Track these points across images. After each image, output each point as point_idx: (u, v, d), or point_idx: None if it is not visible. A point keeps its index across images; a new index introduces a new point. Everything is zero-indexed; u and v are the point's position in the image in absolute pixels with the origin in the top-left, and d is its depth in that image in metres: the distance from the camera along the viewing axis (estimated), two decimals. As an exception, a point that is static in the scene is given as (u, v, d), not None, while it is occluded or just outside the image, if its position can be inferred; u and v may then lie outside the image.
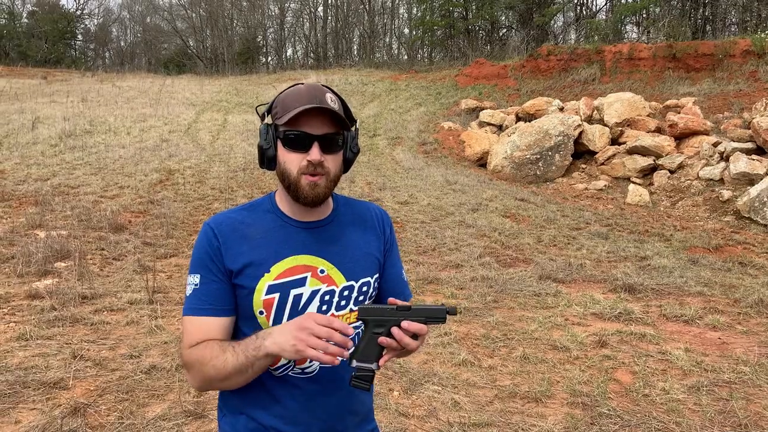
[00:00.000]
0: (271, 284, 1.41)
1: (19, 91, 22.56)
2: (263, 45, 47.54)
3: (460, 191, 11.95)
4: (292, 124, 1.39)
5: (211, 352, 1.34)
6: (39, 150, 13.35)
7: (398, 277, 1.63)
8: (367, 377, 1.31)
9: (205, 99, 22.88)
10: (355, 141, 1.51)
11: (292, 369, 1.44)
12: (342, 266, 1.48)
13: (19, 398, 3.61)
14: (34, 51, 42.13)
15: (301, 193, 1.41)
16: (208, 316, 1.40)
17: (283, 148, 1.41)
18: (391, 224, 1.65)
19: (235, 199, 10.24)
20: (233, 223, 1.45)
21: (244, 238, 1.43)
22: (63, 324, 4.91)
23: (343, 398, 1.48)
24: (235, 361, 1.32)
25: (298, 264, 1.44)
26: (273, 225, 1.47)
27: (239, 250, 1.42)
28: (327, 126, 1.40)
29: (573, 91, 19.21)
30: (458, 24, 33.01)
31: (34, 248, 6.73)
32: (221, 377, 1.34)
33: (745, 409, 3.75)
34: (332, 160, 1.42)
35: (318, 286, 1.44)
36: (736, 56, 17.68)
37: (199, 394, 3.78)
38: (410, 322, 1.29)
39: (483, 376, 4.24)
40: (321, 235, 1.49)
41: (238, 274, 1.41)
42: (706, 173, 11.71)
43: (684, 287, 6.57)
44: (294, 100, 1.39)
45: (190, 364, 1.38)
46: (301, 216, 1.48)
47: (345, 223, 1.54)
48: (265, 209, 1.50)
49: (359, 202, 1.65)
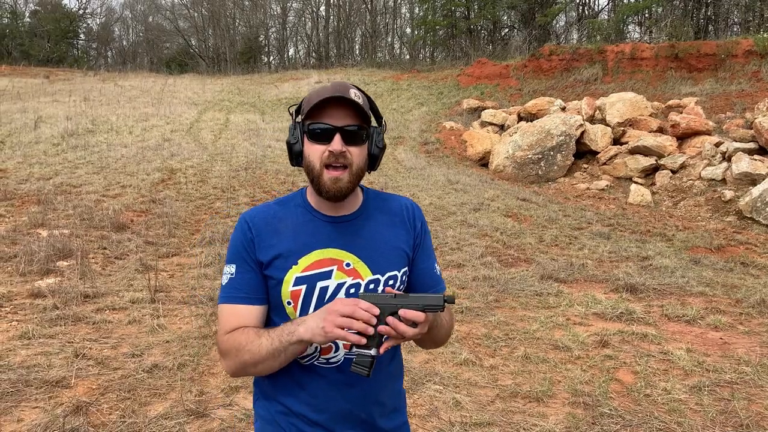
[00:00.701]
0: (299, 276, 1.46)
1: (22, 91, 22.61)
2: (265, 44, 47.58)
3: (461, 191, 11.95)
4: (316, 117, 1.43)
5: (247, 337, 1.41)
6: (41, 149, 13.37)
7: (430, 272, 1.63)
8: (365, 363, 1.33)
9: (207, 98, 22.91)
10: (381, 137, 1.53)
11: (318, 359, 1.49)
12: (368, 260, 1.50)
13: (22, 397, 3.62)
14: (36, 50, 42.20)
15: (323, 187, 1.45)
16: (243, 304, 1.47)
17: (308, 141, 1.46)
18: (423, 218, 1.66)
19: (237, 198, 10.25)
20: (266, 217, 1.52)
21: (275, 231, 1.50)
22: (65, 323, 4.92)
23: (367, 388, 1.51)
24: (269, 346, 1.38)
25: (325, 257, 1.48)
26: (303, 219, 1.52)
27: (270, 243, 1.48)
28: (350, 118, 1.43)
29: (575, 91, 19.20)
30: (460, 24, 33.00)
31: (37, 247, 6.74)
32: (255, 361, 1.41)
33: (746, 409, 3.75)
34: (356, 153, 1.45)
35: (343, 279, 1.48)
36: (738, 56, 17.66)
37: (201, 393, 3.79)
38: (407, 310, 1.32)
39: (484, 376, 4.24)
40: (348, 228, 1.53)
41: (268, 265, 1.47)
42: (708, 173, 11.70)
43: (686, 287, 6.56)
44: (317, 95, 1.44)
45: (226, 350, 1.45)
46: (329, 210, 1.53)
47: (373, 217, 1.57)
48: (296, 203, 1.56)
49: (390, 195, 1.67)
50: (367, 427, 1.54)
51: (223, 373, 4.12)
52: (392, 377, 1.61)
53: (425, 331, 1.37)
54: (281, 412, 1.53)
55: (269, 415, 1.55)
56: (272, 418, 1.54)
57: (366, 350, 1.33)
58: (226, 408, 3.65)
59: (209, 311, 5.35)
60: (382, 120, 1.57)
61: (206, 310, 5.39)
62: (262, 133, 16.52)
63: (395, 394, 1.63)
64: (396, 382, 1.64)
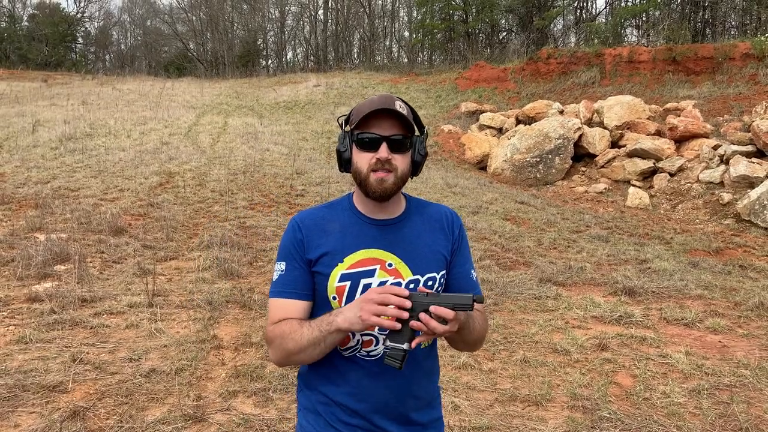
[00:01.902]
0: (344, 273, 1.58)
1: (20, 94, 22.59)
2: (263, 48, 47.61)
3: (460, 194, 11.94)
4: (364, 127, 1.57)
5: (291, 327, 1.54)
6: (39, 153, 13.35)
7: (467, 276, 1.73)
8: (398, 356, 1.42)
9: (205, 102, 22.90)
10: (423, 145, 1.66)
11: (359, 351, 1.60)
12: (409, 261, 1.62)
13: (19, 402, 3.60)
14: (34, 54, 42.18)
15: (370, 188, 1.57)
16: (290, 299, 1.60)
17: (357, 150, 1.59)
18: (462, 225, 1.78)
19: (235, 201, 10.24)
20: (315, 219, 1.65)
21: (323, 232, 1.63)
22: (62, 327, 4.90)
23: (405, 381, 1.61)
24: (310, 335, 1.49)
25: (369, 257, 1.60)
26: (349, 221, 1.65)
27: (319, 242, 1.61)
28: (395, 128, 1.56)
29: (573, 94, 19.23)
30: (458, 27, 33.04)
31: (34, 251, 6.72)
32: (297, 349, 1.52)
33: (746, 412, 3.74)
34: (400, 159, 1.58)
35: (386, 278, 1.59)
36: (735, 59, 17.69)
37: (199, 397, 3.78)
38: (437, 307, 1.39)
39: (483, 380, 4.24)
40: (391, 231, 1.65)
41: (316, 262, 1.60)
42: (706, 176, 11.71)
43: (684, 290, 6.56)
44: (366, 107, 1.57)
45: (271, 339, 1.58)
46: (375, 214, 1.65)
47: (415, 222, 1.69)
48: (344, 207, 1.69)
49: (431, 203, 1.79)
50: (402, 420, 1.63)
51: (221, 378, 4.11)
52: (427, 373, 1.70)
53: (455, 330, 1.44)
54: (322, 402, 1.63)
55: (311, 404, 1.66)
56: (313, 408, 1.65)
57: (399, 344, 1.42)
58: (224, 413, 3.63)
59: (207, 315, 5.34)
60: (425, 129, 1.69)
61: (204, 314, 5.37)
62: (261, 137, 16.51)
63: (430, 390, 1.72)
64: (431, 378, 1.73)
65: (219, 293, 5.95)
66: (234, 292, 6.02)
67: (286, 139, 16.58)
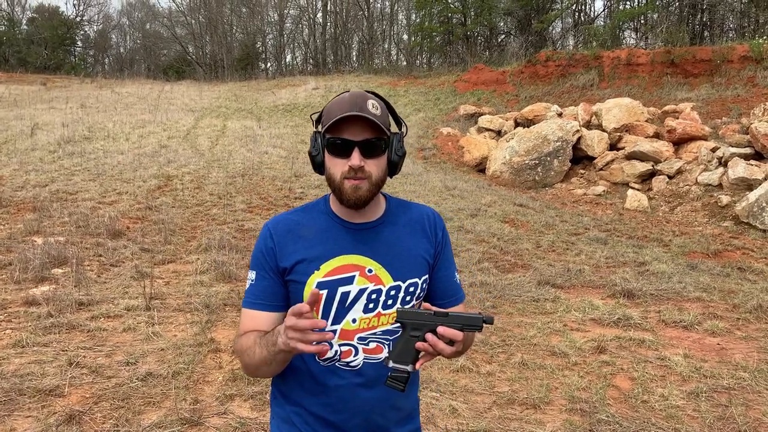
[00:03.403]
0: (320, 281, 1.49)
1: (18, 98, 22.59)
2: (262, 51, 47.65)
3: (458, 196, 11.94)
4: (335, 131, 1.47)
5: (248, 342, 1.47)
6: (37, 156, 13.34)
7: (450, 280, 1.67)
8: (402, 378, 1.36)
9: (204, 105, 22.90)
10: (400, 144, 1.56)
11: (339, 361, 1.53)
12: (390, 266, 1.54)
13: (15, 405, 3.59)
14: (33, 57, 42.21)
15: (345, 195, 1.48)
16: (259, 310, 1.53)
17: (328, 154, 1.49)
18: (444, 227, 1.69)
19: (234, 204, 10.23)
20: (289, 224, 1.56)
21: (298, 238, 1.54)
22: (59, 331, 4.89)
23: (386, 393, 1.51)
24: (260, 354, 1.42)
25: (348, 263, 1.51)
26: (326, 225, 1.56)
27: (293, 249, 1.52)
28: (367, 132, 1.46)
29: (571, 97, 19.24)
30: (457, 30, 33.07)
31: (32, 254, 6.71)
32: (254, 366, 1.47)
33: (744, 415, 3.73)
34: (374, 165, 1.48)
35: (365, 285, 1.52)
36: (734, 62, 17.71)
37: (195, 401, 3.76)
38: (446, 328, 1.32)
39: (481, 383, 4.22)
40: (370, 236, 1.56)
41: (291, 270, 1.51)
42: (705, 178, 11.71)
43: (683, 292, 6.56)
44: (337, 108, 1.46)
45: (236, 351, 1.54)
46: (352, 217, 1.56)
47: (395, 225, 1.60)
48: (320, 210, 1.60)
49: (412, 204, 1.70)
50: None
51: (218, 381, 4.10)
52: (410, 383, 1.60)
53: (461, 349, 1.39)
54: (297, 412, 1.57)
55: (285, 414, 1.60)
56: (288, 417, 1.59)
57: (403, 365, 1.36)
58: (221, 416, 3.62)
59: (205, 319, 5.33)
60: (402, 124, 1.59)
61: (202, 317, 5.36)
62: (259, 140, 16.51)
63: (411, 401, 1.66)
64: (412, 388, 1.66)
65: (217, 296, 5.94)
66: (232, 296, 6.01)
67: (284, 142, 16.57)
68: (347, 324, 1.52)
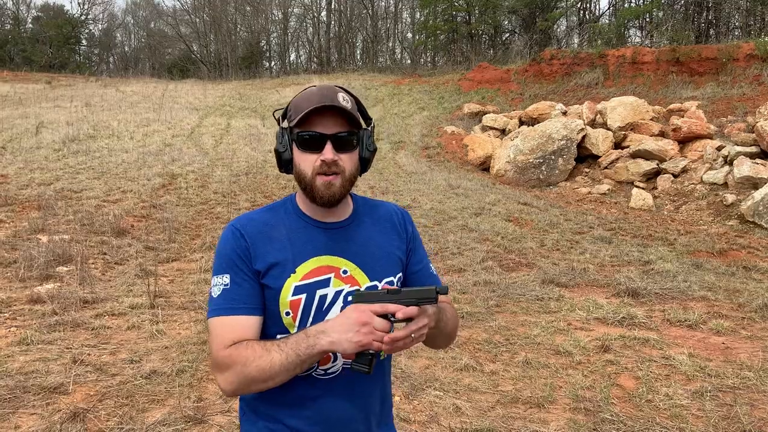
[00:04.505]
0: (298, 285, 1.41)
1: (24, 96, 22.66)
2: (267, 50, 47.70)
3: (462, 195, 11.93)
4: (305, 125, 1.40)
5: (254, 352, 1.33)
6: (42, 154, 13.39)
7: (427, 272, 1.63)
8: (365, 360, 1.33)
9: (208, 103, 22.94)
10: (371, 139, 1.51)
11: (316, 370, 1.44)
12: (365, 266, 1.48)
13: (19, 403, 3.60)
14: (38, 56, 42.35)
15: (317, 193, 1.42)
16: (242, 315, 1.40)
17: (298, 150, 1.43)
18: (412, 221, 1.65)
19: (238, 203, 10.25)
20: (258, 225, 1.46)
21: (269, 239, 1.44)
22: (64, 328, 4.91)
23: (365, 399, 1.49)
24: (284, 360, 1.31)
25: (322, 265, 1.44)
26: (296, 226, 1.48)
27: (265, 250, 1.42)
28: (339, 125, 1.41)
29: (576, 95, 19.19)
30: (461, 28, 33.05)
31: (37, 252, 6.74)
32: (265, 377, 1.33)
33: (749, 414, 3.72)
34: (347, 159, 1.43)
35: (341, 287, 1.45)
36: (739, 60, 17.64)
37: (199, 399, 3.77)
38: (403, 310, 1.30)
39: (485, 381, 4.22)
40: (343, 235, 1.50)
41: (265, 274, 1.42)
42: (710, 177, 11.67)
43: (687, 292, 6.53)
44: (306, 101, 1.40)
45: (226, 366, 1.35)
46: (322, 217, 1.49)
47: (366, 224, 1.55)
48: (287, 211, 1.51)
49: (379, 202, 1.65)
50: None
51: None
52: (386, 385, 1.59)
53: (433, 325, 1.37)
54: (271, 428, 1.46)
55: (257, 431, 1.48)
56: None
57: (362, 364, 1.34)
58: (225, 414, 3.63)
59: (209, 317, 5.33)
60: (371, 121, 1.54)
61: (205, 315, 5.36)
62: (264, 138, 16.52)
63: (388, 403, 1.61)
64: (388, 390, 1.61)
65: (221, 295, 5.94)
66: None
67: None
68: None
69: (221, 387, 1.38)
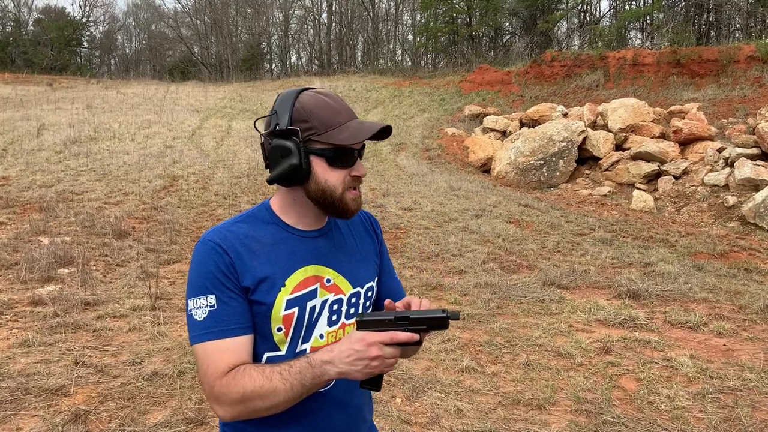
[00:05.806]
0: (289, 299, 1.35)
1: (25, 98, 22.70)
2: (267, 52, 47.74)
3: (463, 197, 11.93)
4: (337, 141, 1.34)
5: (253, 381, 1.24)
6: (44, 156, 13.40)
7: (392, 275, 1.64)
8: (376, 380, 1.30)
9: (209, 105, 22.96)
10: None
11: None
12: (346, 273, 1.45)
13: (21, 405, 3.60)
14: (39, 58, 42.40)
15: (347, 207, 1.37)
16: (236, 336, 1.30)
17: (325, 165, 1.34)
18: (378, 224, 1.65)
19: (239, 205, 10.25)
20: (239, 237, 1.35)
21: (252, 253, 1.35)
22: (65, 330, 4.91)
23: (355, 408, 1.48)
24: (288, 390, 1.24)
25: (308, 275, 1.39)
26: (278, 237, 1.39)
27: (251, 265, 1.33)
28: None
29: (577, 97, 19.20)
30: (462, 30, 33.06)
31: (38, 254, 6.74)
32: (268, 407, 1.25)
33: (750, 416, 3.71)
34: None
35: (326, 296, 1.41)
36: (740, 62, 17.64)
37: (201, 400, 3.77)
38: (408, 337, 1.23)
39: (486, 383, 4.22)
40: (321, 243, 1.45)
41: (254, 290, 1.33)
42: (711, 179, 11.67)
43: (689, 293, 6.53)
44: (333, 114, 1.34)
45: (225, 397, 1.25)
46: (305, 225, 1.43)
47: (340, 229, 1.52)
48: (265, 220, 1.42)
49: None
50: None
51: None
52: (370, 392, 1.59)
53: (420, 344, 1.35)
54: None
55: None
56: None
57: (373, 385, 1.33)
58: (226, 416, 3.62)
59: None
60: None
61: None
62: (264, 140, 16.51)
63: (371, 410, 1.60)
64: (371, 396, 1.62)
65: (222, 296, 5.94)
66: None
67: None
68: (315, 341, 1.39)
69: (219, 415, 1.31)
